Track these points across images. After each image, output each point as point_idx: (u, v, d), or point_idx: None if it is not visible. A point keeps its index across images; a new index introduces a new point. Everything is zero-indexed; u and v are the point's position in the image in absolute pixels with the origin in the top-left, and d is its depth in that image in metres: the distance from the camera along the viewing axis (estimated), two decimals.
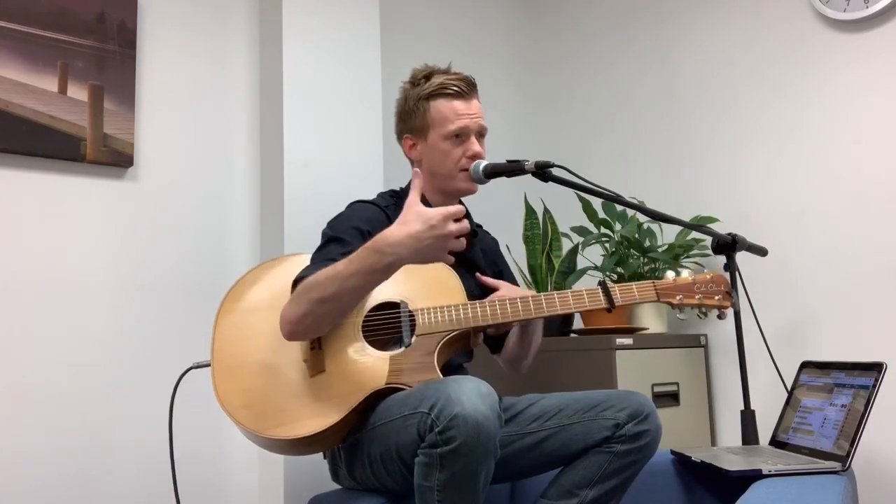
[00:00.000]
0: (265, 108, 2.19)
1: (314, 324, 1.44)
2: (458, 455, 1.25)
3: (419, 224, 1.33)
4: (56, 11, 1.89)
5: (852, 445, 1.47)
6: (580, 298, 1.58)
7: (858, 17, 2.10)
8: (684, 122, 2.53)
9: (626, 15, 2.73)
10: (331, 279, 1.38)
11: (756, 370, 1.99)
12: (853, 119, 2.13)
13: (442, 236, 1.34)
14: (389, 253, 1.34)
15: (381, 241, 1.35)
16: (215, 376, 1.49)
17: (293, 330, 1.43)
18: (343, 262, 1.38)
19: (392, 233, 1.35)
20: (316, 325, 1.45)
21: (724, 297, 1.63)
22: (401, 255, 1.34)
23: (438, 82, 1.68)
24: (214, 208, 2.13)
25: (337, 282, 1.38)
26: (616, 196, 1.76)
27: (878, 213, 2.06)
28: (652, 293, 1.60)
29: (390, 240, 1.34)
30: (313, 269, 1.45)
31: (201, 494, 2.00)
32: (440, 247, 1.35)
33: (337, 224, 1.61)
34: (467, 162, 1.67)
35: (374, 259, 1.35)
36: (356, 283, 1.38)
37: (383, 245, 1.34)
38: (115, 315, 1.94)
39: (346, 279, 1.37)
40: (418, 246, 1.33)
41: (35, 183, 1.86)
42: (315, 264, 1.49)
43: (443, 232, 1.33)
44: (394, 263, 1.36)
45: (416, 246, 1.33)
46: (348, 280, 1.37)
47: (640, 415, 1.54)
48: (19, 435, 1.77)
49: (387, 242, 1.34)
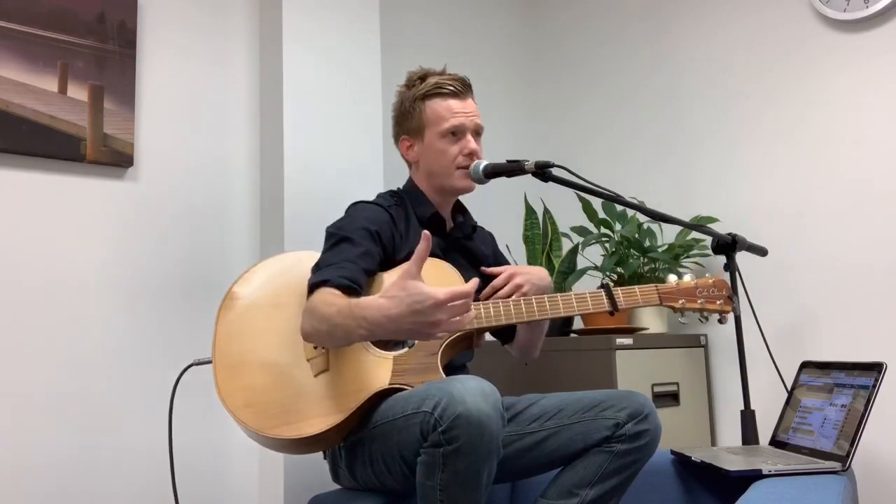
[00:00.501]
0: (265, 109, 2.19)
1: (319, 343, 1.48)
2: (460, 454, 1.25)
3: (402, 307, 1.27)
4: (56, 11, 1.89)
5: (852, 445, 1.47)
6: (583, 301, 1.58)
7: (858, 17, 2.10)
8: (685, 122, 2.53)
9: (626, 16, 2.73)
10: (324, 319, 1.39)
11: (756, 370, 1.99)
12: (853, 119, 2.13)
13: (427, 324, 1.27)
14: (364, 327, 1.33)
15: (358, 311, 1.33)
16: (217, 374, 1.49)
17: (306, 338, 1.47)
18: (335, 309, 1.37)
19: (371, 306, 1.31)
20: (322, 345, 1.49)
21: (725, 302, 1.66)
22: (374, 333, 1.34)
23: (433, 82, 1.69)
24: (214, 208, 2.13)
25: (327, 325, 1.39)
26: (616, 196, 1.76)
27: (878, 213, 2.07)
28: (655, 297, 1.61)
29: (367, 314, 1.31)
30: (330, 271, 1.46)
31: (201, 494, 2.00)
32: (424, 332, 1.30)
33: (344, 225, 1.60)
34: (464, 160, 1.68)
35: (351, 324, 1.34)
36: (341, 336, 1.39)
37: (359, 317, 1.32)
38: (115, 315, 1.94)
39: (333, 327, 1.38)
40: (395, 328, 1.29)
41: (35, 183, 1.86)
42: (331, 265, 1.49)
43: (428, 320, 1.26)
44: (368, 337, 1.38)
45: (393, 328, 1.29)
46: (335, 329, 1.38)
47: (639, 414, 1.54)
48: (19, 434, 1.77)
49: (362, 315, 1.32)
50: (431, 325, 1.27)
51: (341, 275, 1.45)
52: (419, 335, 1.33)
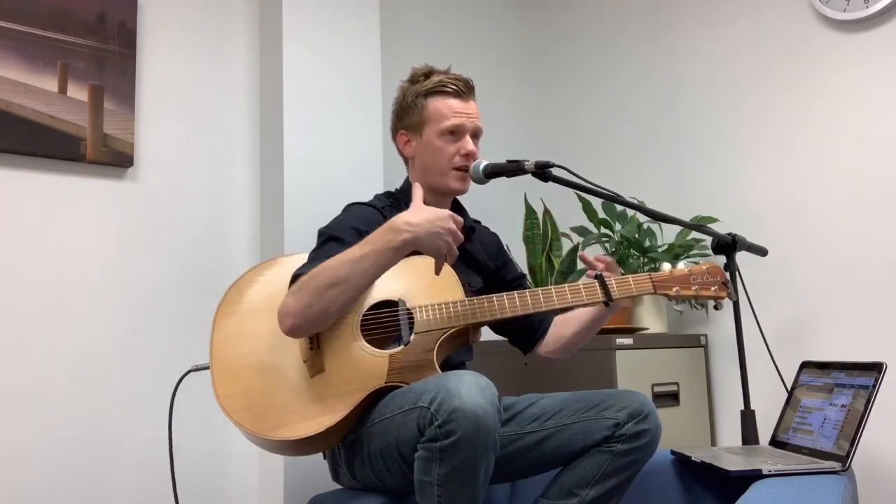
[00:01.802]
0: (265, 109, 2.19)
1: (319, 313, 1.42)
2: (457, 449, 1.25)
3: (432, 213, 1.42)
4: (56, 11, 1.89)
5: (852, 445, 1.47)
6: (577, 293, 1.58)
7: (858, 17, 2.10)
8: (684, 122, 2.53)
9: (626, 16, 2.73)
10: (342, 262, 1.41)
11: (756, 370, 1.99)
12: (854, 119, 2.13)
13: (449, 230, 1.41)
14: (407, 230, 1.39)
15: (398, 219, 1.41)
16: (215, 379, 1.49)
17: (295, 323, 1.42)
18: (356, 246, 1.42)
19: (409, 213, 1.42)
20: (321, 314, 1.42)
21: (720, 288, 1.62)
22: (417, 234, 1.39)
23: (437, 80, 1.69)
24: (214, 208, 2.13)
25: (349, 264, 1.40)
26: (616, 196, 1.76)
27: (878, 213, 2.06)
28: (648, 285, 1.60)
29: (408, 218, 1.41)
30: (313, 266, 1.45)
31: (201, 495, 2.00)
32: (446, 240, 1.41)
33: (335, 225, 1.61)
34: (460, 160, 1.68)
35: (389, 237, 1.40)
36: (369, 264, 1.40)
37: (401, 223, 1.40)
38: (115, 315, 1.94)
39: (358, 261, 1.40)
40: (431, 229, 1.40)
41: (35, 183, 1.86)
42: (315, 261, 1.49)
43: (449, 226, 1.41)
44: (409, 241, 1.40)
45: (430, 228, 1.40)
46: (361, 262, 1.40)
47: (639, 414, 1.54)
48: (19, 435, 1.77)
49: (404, 220, 1.40)
50: (450, 231, 1.41)
51: None
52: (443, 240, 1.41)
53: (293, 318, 1.41)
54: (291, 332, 1.44)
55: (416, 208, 1.44)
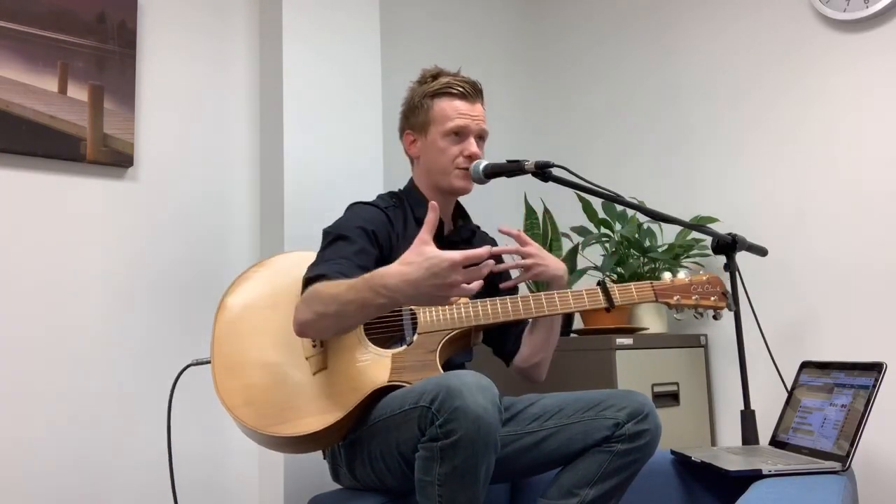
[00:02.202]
0: (265, 109, 2.19)
1: (318, 332, 1.46)
2: (458, 448, 1.25)
3: (421, 271, 1.27)
4: (56, 11, 1.89)
5: (852, 445, 1.47)
6: (580, 298, 1.59)
7: (858, 17, 2.10)
8: (684, 122, 2.53)
9: (626, 17, 2.73)
10: (332, 298, 1.38)
11: (756, 370, 1.99)
12: (853, 119, 2.13)
13: (444, 286, 1.28)
14: (384, 294, 1.32)
15: (377, 279, 1.32)
16: (216, 374, 1.49)
17: (301, 331, 1.45)
18: (345, 286, 1.37)
19: (391, 273, 1.31)
20: (320, 333, 1.47)
21: (719, 298, 1.68)
22: (395, 300, 1.33)
23: (444, 81, 1.71)
24: (214, 208, 2.13)
25: (336, 304, 1.38)
26: (616, 196, 1.76)
27: (878, 213, 2.06)
28: (650, 293, 1.62)
29: (387, 281, 1.31)
30: (326, 266, 1.46)
31: (201, 494, 2.00)
32: (441, 295, 1.30)
33: (341, 224, 1.61)
34: (464, 161, 1.68)
35: (368, 295, 1.33)
36: (353, 311, 1.38)
37: (378, 286, 1.32)
38: (114, 314, 1.94)
39: (344, 304, 1.37)
40: (415, 293, 1.29)
41: (35, 183, 1.86)
42: (327, 261, 1.50)
43: (445, 281, 1.27)
44: (387, 305, 1.35)
45: (413, 293, 1.30)
46: (346, 306, 1.37)
47: (639, 414, 1.54)
48: (18, 433, 1.77)
49: (382, 283, 1.31)
50: (449, 286, 1.28)
51: (337, 270, 1.46)
52: (437, 299, 1.31)
53: (298, 326, 1.44)
54: (299, 336, 1.47)
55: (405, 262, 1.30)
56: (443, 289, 1.28)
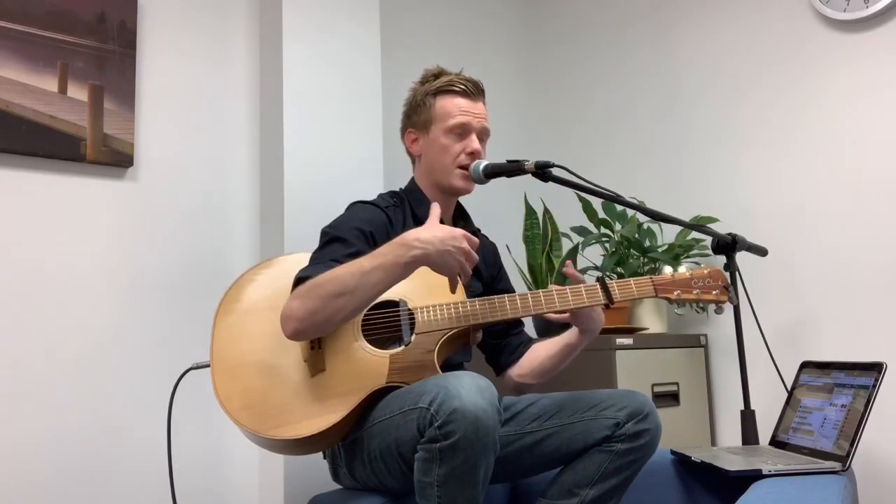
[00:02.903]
0: (265, 109, 2.19)
1: (325, 319, 1.40)
2: (457, 449, 1.25)
3: (445, 231, 1.41)
4: (56, 11, 1.89)
5: (852, 445, 1.47)
6: (579, 295, 1.58)
7: (858, 17, 2.10)
8: (684, 122, 2.53)
9: (626, 17, 2.73)
10: (351, 273, 1.39)
11: (756, 370, 1.99)
12: (853, 119, 2.13)
13: (461, 249, 1.41)
14: (418, 247, 1.39)
15: (409, 235, 1.41)
16: (215, 377, 1.49)
17: (299, 328, 1.41)
18: (365, 258, 1.41)
19: (421, 231, 1.41)
20: (326, 322, 1.41)
21: (721, 292, 1.63)
22: (427, 252, 1.39)
23: (446, 80, 1.71)
24: (214, 208, 2.13)
25: (357, 276, 1.38)
26: (616, 196, 1.76)
27: (878, 213, 2.06)
28: (650, 289, 1.60)
29: (420, 234, 1.40)
30: (316, 269, 1.45)
31: (201, 494, 2.00)
32: (458, 259, 1.41)
33: (338, 225, 1.61)
34: (465, 159, 1.68)
35: (400, 252, 1.39)
36: (377, 278, 1.39)
37: (412, 239, 1.40)
38: (114, 315, 1.94)
39: (366, 273, 1.39)
40: (442, 248, 1.40)
41: (35, 183, 1.86)
42: (318, 264, 1.49)
43: (462, 246, 1.41)
44: (419, 258, 1.39)
45: (441, 248, 1.39)
46: (369, 275, 1.38)
47: (639, 414, 1.54)
48: (18, 435, 1.77)
49: (415, 236, 1.40)
50: (463, 251, 1.41)
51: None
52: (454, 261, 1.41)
53: (297, 322, 1.40)
54: (294, 336, 1.43)
55: (430, 225, 1.44)
56: (460, 252, 1.41)
